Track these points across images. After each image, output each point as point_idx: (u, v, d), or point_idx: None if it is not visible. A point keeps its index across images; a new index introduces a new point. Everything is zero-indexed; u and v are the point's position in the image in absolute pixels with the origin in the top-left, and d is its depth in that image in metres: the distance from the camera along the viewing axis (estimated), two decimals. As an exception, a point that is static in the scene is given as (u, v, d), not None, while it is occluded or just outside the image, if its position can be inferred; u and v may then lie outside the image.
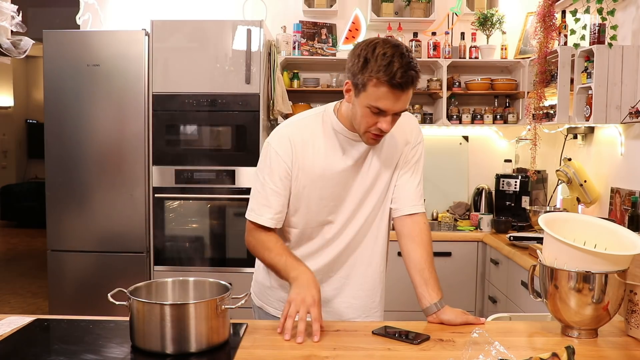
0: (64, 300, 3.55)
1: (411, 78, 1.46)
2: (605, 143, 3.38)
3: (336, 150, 1.66)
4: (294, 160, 1.64)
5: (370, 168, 1.70)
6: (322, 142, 1.66)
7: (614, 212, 3.18)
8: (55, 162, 3.53)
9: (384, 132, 1.55)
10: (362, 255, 1.78)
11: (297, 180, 1.66)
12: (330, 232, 1.73)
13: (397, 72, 1.44)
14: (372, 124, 1.53)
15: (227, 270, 3.48)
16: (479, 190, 3.96)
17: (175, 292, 1.58)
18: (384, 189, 1.74)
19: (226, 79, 3.46)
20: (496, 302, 3.31)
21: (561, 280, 1.45)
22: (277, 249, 1.64)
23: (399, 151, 1.73)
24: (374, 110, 1.50)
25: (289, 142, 1.64)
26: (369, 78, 1.46)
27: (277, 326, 1.51)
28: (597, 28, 3.05)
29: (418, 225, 1.74)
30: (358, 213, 1.73)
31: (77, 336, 1.50)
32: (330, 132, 1.66)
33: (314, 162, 1.65)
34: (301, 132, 1.66)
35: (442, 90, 3.84)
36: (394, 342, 1.46)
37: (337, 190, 1.69)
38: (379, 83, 1.46)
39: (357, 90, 1.52)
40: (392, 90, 1.46)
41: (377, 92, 1.47)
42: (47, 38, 3.50)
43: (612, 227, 1.57)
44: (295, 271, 1.57)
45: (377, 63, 1.45)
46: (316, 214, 1.71)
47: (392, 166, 1.73)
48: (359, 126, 1.57)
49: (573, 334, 1.49)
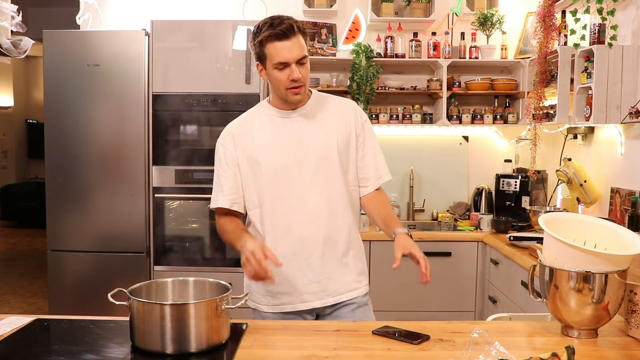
0: (64, 300, 3.55)
1: (289, 24, 1.74)
2: (605, 143, 3.38)
3: (272, 130, 1.87)
4: (237, 147, 1.88)
5: (310, 139, 1.86)
6: (260, 127, 1.89)
7: (614, 212, 3.18)
8: (55, 162, 3.53)
9: (297, 81, 1.77)
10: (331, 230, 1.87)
11: (245, 166, 1.87)
12: (292, 206, 1.84)
13: (276, 25, 1.73)
14: (285, 78, 1.77)
15: (227, 270, 3.48)
16: (479, 190, 3.96)
17: (175, 292, 1.58)
18: (335, 159, 1.87)
19: (226, 78, 3.46)
20: (496, 302, 3.31)
21: (561, 280, 1.45)
22: (231, 229, 1.84)
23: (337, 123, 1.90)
24: (279, 67, 1.76)
25: (230, 134, 1.91)
26: (260, 43, 1.75)
27: (276, 326, 1.51)
28: (597, 28, 3.05)
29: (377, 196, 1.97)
30: (314, 185, 1.85)
31: (77, 336, 1.50)
32: (265, 118, 1.90)
33: (255, 145, 1.86)
34: (240, 124, 1.93)
35: (442, 90, 3.84)
36: (394, 342, 1.46)
37: (285, 165, 1.84)
38: (268, 40, 1.74)
39: (262, 62, 1.80)
40: (281, 41, 1.73)
41: (272, 49, 1.74)
42: (47, 38, 3.50)
43: (612, 227, 1.57)
44: (240, 242, 1.74)
45: (262, 29, 1.76)
46: (271, 190, 1.85)
47: (333, 135, 1.88)
48: (279, 90, 1.81)
49: (573, 334, 1.49)
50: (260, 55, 1.78)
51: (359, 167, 1.94)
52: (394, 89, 3.97)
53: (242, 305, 1.45)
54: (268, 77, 1.82)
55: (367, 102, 3.80)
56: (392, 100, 4.09)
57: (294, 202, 1.84)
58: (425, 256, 1.71)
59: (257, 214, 1.88)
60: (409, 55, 3.94)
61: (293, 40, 1.74)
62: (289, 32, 1.73)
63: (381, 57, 3.90)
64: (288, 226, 1.85)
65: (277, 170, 1.84)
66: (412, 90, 4.00)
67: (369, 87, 3.78)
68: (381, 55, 3.91)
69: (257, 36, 1.77)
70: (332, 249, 1.87)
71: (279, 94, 1.84)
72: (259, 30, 1.76)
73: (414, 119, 3.91)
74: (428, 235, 3.60)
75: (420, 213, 4.11)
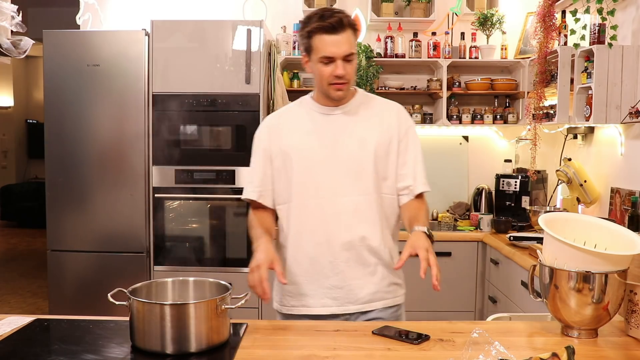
0: (64, 300, 3.55)
1: (339, 18, 1.70)
2: (605, 143, 3.38)
3: (309, 126, 1.83)
4: (271, 139, 1.85)
5: (348, 139, 1.80)
6: (298, 121, 1.85)
7: (614, 212, 3.18)
8: (55, 162, 3.53)
9: (341, 78, 1.73)
10: (358, 236, 1.78)
11: (278, 159, 1.83)
12: (320, 206, 1.78)
13: (327, 18, 1.69)
14: (329, 74, 1.73)
15: (227, 270, 3.48)
16: (479, 190, 3.96)
17: (175, 292, 1.58)
18: (370, 162, 1.79)
19: (226, 79, 3.46)
20: (496, 302, 3.31)
21: (561, 280, 1.45)
22: (254, 225, 1.82)
23: (380, 126, 1.83)
24: (325, 61, 1.72)
25: (267, 127, 1.89)
26: (309, 34, 1.72)
27: (276, 326, 1.51)
28: (597, 28, 3.05)
29: (414, 202, 1.88)
30: (344, 187, 1.78)
31: (77, 336, 1.50)
32: (305, 113, 1.86)
33: (290, 139, 1.82)
34: (278, 117, 1.91)
35: (442, 90, 3.84)
36: (394, 342, 1.46)
37: (317, 163, 1.79)
38: (317, 32, 1.70)
39: (309, 54, 1.76)
40: (329, 35, 1.69)
41: (319, 42, 1.71)
42: (47, 38, 3.50)
43: (612, 227, 1.57)
44: (255, 243, 1.74)
45: (311, 20, 1.73)
46: (300, 187, 1.80)
47: (373, 138, 1.80)
48: (322, 84, 1.77)
49: (573, 334, 1.49)
50: (307, 46, 1.74)
51: (399, 174, 1.85)
52: (394, 89, 3.97)
53: (243, 305, 1.45)
54: (312, 70, 1.77)
55: (367, 102, 3.79)
56: (392, 100, 4.08)
57: (323, 202, 1.78)
58: (436, 260, 1.55)
59: (285, 209, 1.83)
60: (409, 55, 3.94)
61: (342, 35, 1.69)
62: (338, 26, 1.69)
63: (381, 57, 3.90)
64: (313, 227, 1.78)
65: (309, 168, 1.79)
66: (412, 90, 4.00)
67: (369, 87, 3.78)
68: (381, 55, 3.91)
69: (306, 26, 1.73)
70: (358, 255, 1.78)
71: (320, 89, 1.79)
72: (308, 21, 1.73)
73: (414, 119, 3.90)
74: (428, 235, 3.59)
75: (420, 213, 4.10)
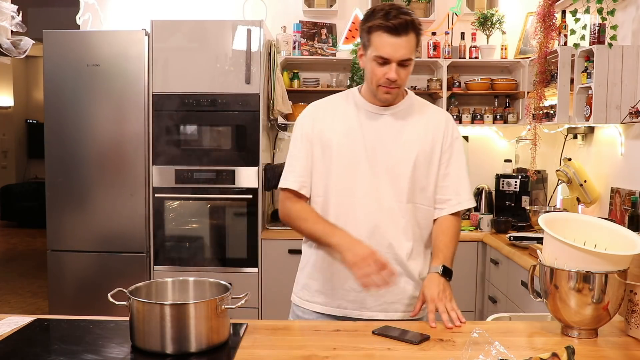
0: (64, 300, 3.56)
1: (405, 21, 1.62)
2: (605, 143, 3.38)
3: (354, 122, 1.76)
4: (314, 127, 1.77)
5: (390, 143, 1.74)
6: (343, 114, 1.78)
7: (614, 212, 3.18)
8: (55, 162, 3.53)
9: (392, 82, 1.67)
10: (384, 244, 1.73)
11: (318, 150, 1.76)
12: (353, 206, 1.73)
13: (391, 17, 1.62)
14: (381, 75, 1.67)
15: (227, 270, 3.48)
16: (479, 190, 3.96)
17: (175, 292, 1.57)
18: (407, 171, 1.73)
19: (226, 79, 3.46)
20: (496, 302, 3.31)
21: (561, 280, 1.45)
22: (312, 217, 1.74)
23: (425, 134, 1.77)
24: (379, 61, 1.65)
25: (310, 115, 1.82)
26: (369, 30, 1.65)
27: (276, 326, 1.50)
28: (597, 28, 3.05)
29: (446, 221, 1.81)
30: (379, 191, 1.72)
31: (77, 336, 1.50)
32: (351, 107, 1.79)
33: (333, 132, 1.76)
34: (324, 106, 1.84)
35: (442, 90, 3.84)
36: (394, 342, 1.46)
37: (357, 161, 1.73)
38: (378, 29, 1.63)
39: (365, 49, 1.69)
40: (390, 35, 1.62)
41: (378, 41, 1.64)
42: (47, 38, 3.50)
43: (612, 227, 1.57)
44: (334, 237, 1.66)
45: (375, 15, 1.65)
46: (337, 182, 1.74)
47: (416, 145, 1.75)
48: (371, 83, 1.71)
49: (573, 334, 1.49)
50: (365, 41, 1.68)
51: (439, 186, 1.79)
52: (394, 89, 3.97)
53: (243, 305, 1.45)
54: (365, 66, 1.72)
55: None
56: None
57: (357, 203, 1.72)
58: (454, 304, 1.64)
59: (320, 203, 1.77)
60: (409, 55, 3.93)
61: (403, 39, 1.62)
62: (401, 29, 1.62)
63: (381, 57, 3.89)
64: (345, 226, 1.71)
65: (348, 166, 1.73)
66: (412, 91, 3.99)
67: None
68: (381, 55, 3.91)
69: (368, 20, 1.66)
70: None
71: (369, 87, 1.74)
72: (372, 15, 1.66)
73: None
74: (428, 235, 3.59)
75: (420, 213, 4.10)
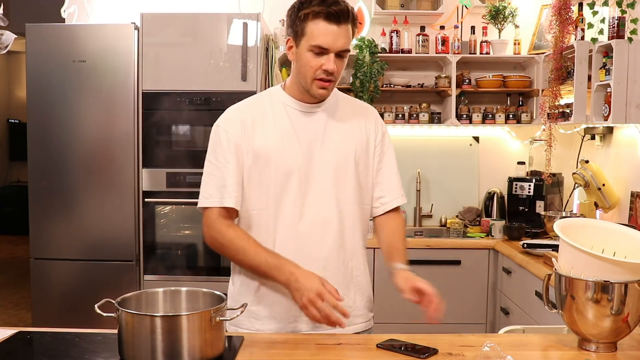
0: (48, 312, 3.55)
1: (345, 8, 1.60)
2: (624, 144, 3.38)
3: (287, 125, 1.72)
4: (244, 135, 1.70)
5: (328, 142, 1.73)
6: (272, 117, 1.72)
7: (634, 218, 3.18)
8: (38, 164, 3.54)
9: (330, 74, 1.63)
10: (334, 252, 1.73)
11: (249, 159, 1.70)
12: (297, 216, 1.70)
13: (330, 4, 1.59)
14: (317, 67, 1.63)
15: (221, 280, 3.45)
16: (490, 195, 3.96)
17: (167, 303, 1.58)
18: (351, 169, 1.74)
19: (221, 75, 3.47)
20: (509, 313, 3.31)
21: (578, 291, 1.45)
22: (252, 249, 1.65)
23: (358, 129, 1.78)
24: (316, 51, 1.61)
25: (238, 121, 1.72)
26: (306, 15, 1.60)
27: (274, 340, 1.51)
28: (616, 21, 3.06)
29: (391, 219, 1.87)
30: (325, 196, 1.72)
31: (62, 350, 1.51)
32: (279, 109, 1.73)
33: (265, 139, 1.70)
34: (250, 111, 1.74)
35: (451, 88, 3.85)
36: (400, 356, 1.47)
37: (298, 168, 1.69)
38: (316, 17, 1.59)
39: (298, 38, 1.64)
40: (329, 23, 1.59)
41: (315, 28, 1.60)
42: (30, 32, 3.51)
43: (632, 233, 1.57)
44: (281, 274, 1.59)
45: (311, 1, 1.61)
46: (274, 193, 1.70)
47: (352, 142, 1.76)
48: (305, 77, 1.66)
49: (591, 348, 1.50)
50: (297, 30, 1.63)
51: (374, 182, 1.82)
52: (399, 86, 3.98)
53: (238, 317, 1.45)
54: (296, 58, 1.66)
55: (371, 100, 3.81)
56: (397, 98, 4.10)
57: (301, 212, 1.69)
58: None
59: (255, 216, 1.72)
60: (415, 51, 3.94)
61: (342, 28, 1.60)
62: (341, 16, 1.59)
63: (386, 52, 3.91)
64: (286, 239, 1.69)
65: (289, 174, 1.69)
66: (419, 88, 4.01)
67: (373, 84, 3.79)
68: (386, 50, 3.92)
69: (302, 7, 1.62)
70: (333, 274, 1.70)
71: (302, 82, 1.68)
72: (306, 1, 1.61)
73: (421, 119, 3.92)
74: (436, 243, 3.60)
75: (427, 219, 4.11)
